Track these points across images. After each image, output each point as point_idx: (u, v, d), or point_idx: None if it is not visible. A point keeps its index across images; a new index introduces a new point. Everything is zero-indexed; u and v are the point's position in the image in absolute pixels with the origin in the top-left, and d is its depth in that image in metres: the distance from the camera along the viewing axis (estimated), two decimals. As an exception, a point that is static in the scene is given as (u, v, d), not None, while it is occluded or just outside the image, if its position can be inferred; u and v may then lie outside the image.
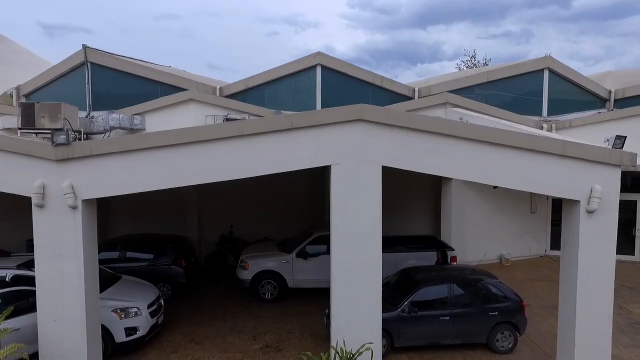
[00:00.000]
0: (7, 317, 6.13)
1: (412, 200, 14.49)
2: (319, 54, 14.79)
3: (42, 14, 77.48)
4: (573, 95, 15.09)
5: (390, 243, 10.58)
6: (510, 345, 7.81)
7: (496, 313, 7.74)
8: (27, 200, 6.90)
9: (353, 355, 5.27)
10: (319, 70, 14.79)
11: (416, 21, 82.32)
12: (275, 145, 6.01)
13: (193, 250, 12.17)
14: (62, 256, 6.16)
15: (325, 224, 10.84)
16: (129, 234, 12.00)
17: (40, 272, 6.20)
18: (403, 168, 6.04)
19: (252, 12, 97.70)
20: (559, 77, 14.72)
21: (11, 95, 16.64)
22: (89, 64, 14.93)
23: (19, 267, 7.90)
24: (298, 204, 14.15)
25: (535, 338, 8.40)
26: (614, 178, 5.95)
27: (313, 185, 13.89)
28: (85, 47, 14.87)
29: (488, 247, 13.19)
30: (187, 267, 10.96)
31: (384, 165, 6.02)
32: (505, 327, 7.80)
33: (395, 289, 8.22)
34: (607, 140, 6.22)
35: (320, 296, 9.88)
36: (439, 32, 77.62)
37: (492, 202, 13.86)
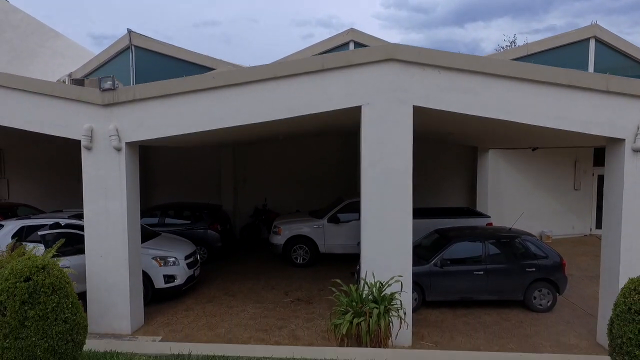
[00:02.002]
0: (59, 256, 6.61)
1: (446, 174, 14.22)
2: (351, 30, 14.82)
3: (92, 26, 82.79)
4: (622, 67, 14.20)
5: (424, 213, 10.46)
6: (548, 304, 7.51)
7: (533, 269, 7.48)
8: (75, 178, 7.47)
9: (382, 286, 5.28)
10: (351, 46, 14.81)
11: (453, 19, 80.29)
12: (308, 86, 6.11)
13: (228, 218, 12.55)
14: (107, 196, 6.57)
15: (357, 193, 10.87)
16: (168, 203, 12.54)
17: (88, 211, 6.64)
18: (435, 108, 5.96)
19: (288, 16, 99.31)
20: (607, 47, 13.92)
21: (64, 82, 17.91)
22: (133, 47, 15.74)
23: (70, 217, 8.52)
24: (330, 179, 14.23)
25: (577, 301, 8.04)
26: (663, 114, 5.60)
27: (345, 161, 13.93)
28: (130, 31, 15.69)
29: (527, 224, 12.63)
30: (222, 232, 11.32)
31: (415, 105, 5.97)
32: (543, 284, 7.51)
33: (428, 247, 8.12)
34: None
35: (351, 263, 9.90)
36: (477, 29, 75.18)
37: (531, 178, 13.34)
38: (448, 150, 14.10)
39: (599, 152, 13.02)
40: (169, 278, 8.06)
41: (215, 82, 6.25)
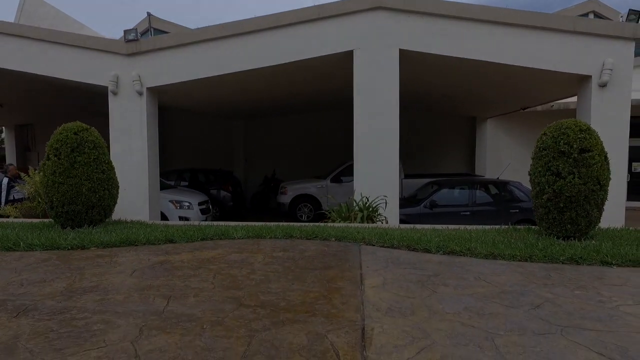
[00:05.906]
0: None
1: (447, 144, 14.79)
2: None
3: (113, 29, 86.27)
4: (621, 41, 14.53)
5: (424, 175, 11.10)
6: (531, 242, 8.07)
7: (517, 211, 8.05)
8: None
9: (368, 200, 5.97)
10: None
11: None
12: (306, 33, 6.87)
13: (239, 182, 13.41)
14: (130, 135, 7.46)
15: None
16: (182, 168, 13.45)
17: (114, 149, 7.51)
18: (418, 50, 6.64)
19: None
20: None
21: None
22: (152, 30, 16.79)
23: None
24: (335, 152, 14.92)
25: (560, 244, 8.55)
26: (627, 51, 6.16)
27: (348, 134, 14.60)
28: (149, 14, 16.75)
29: (525, 191, 13.14)
30: (234, 193, 12.17)
31: (401, 48, 6.66)
32: (527, 224, 8.06)
33: (421, 195, 8.77)
34: (622, 16, 6.36)
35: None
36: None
37: (530, 148, 13.75)
38: (449, 122, 14.67)
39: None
40: (184, 220, 8.91)
41: (224, 31, 7.06)
